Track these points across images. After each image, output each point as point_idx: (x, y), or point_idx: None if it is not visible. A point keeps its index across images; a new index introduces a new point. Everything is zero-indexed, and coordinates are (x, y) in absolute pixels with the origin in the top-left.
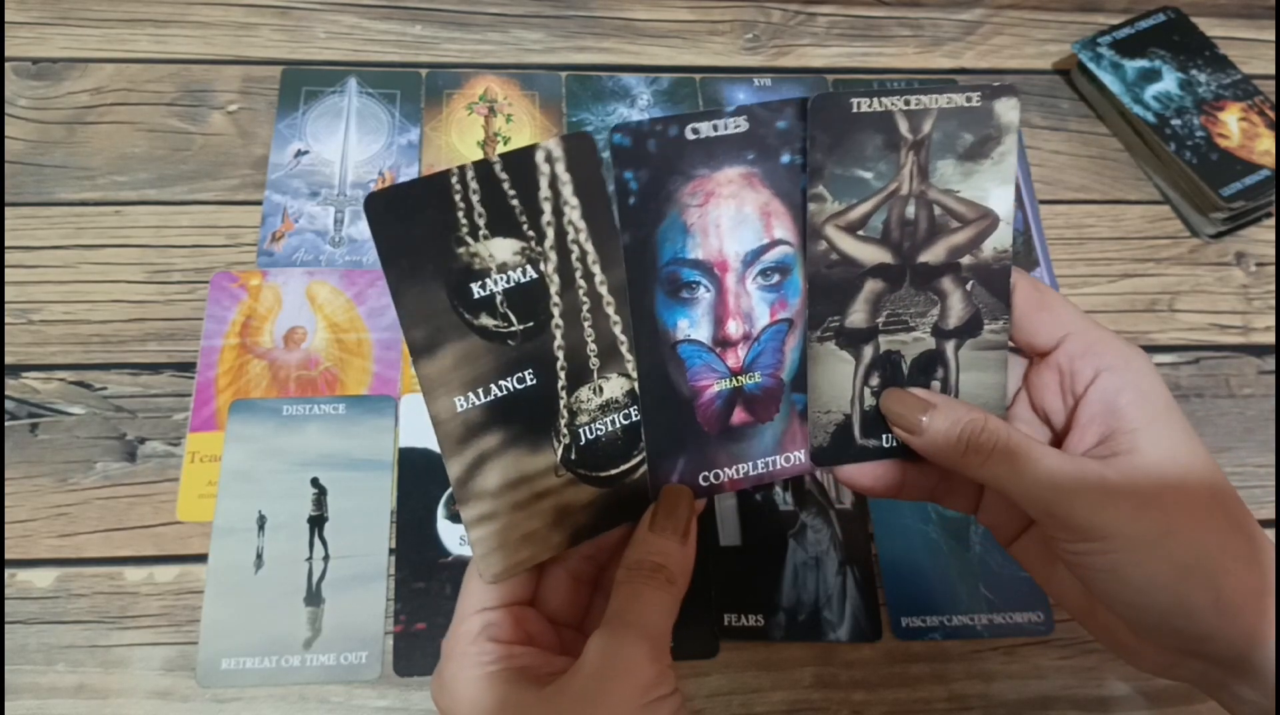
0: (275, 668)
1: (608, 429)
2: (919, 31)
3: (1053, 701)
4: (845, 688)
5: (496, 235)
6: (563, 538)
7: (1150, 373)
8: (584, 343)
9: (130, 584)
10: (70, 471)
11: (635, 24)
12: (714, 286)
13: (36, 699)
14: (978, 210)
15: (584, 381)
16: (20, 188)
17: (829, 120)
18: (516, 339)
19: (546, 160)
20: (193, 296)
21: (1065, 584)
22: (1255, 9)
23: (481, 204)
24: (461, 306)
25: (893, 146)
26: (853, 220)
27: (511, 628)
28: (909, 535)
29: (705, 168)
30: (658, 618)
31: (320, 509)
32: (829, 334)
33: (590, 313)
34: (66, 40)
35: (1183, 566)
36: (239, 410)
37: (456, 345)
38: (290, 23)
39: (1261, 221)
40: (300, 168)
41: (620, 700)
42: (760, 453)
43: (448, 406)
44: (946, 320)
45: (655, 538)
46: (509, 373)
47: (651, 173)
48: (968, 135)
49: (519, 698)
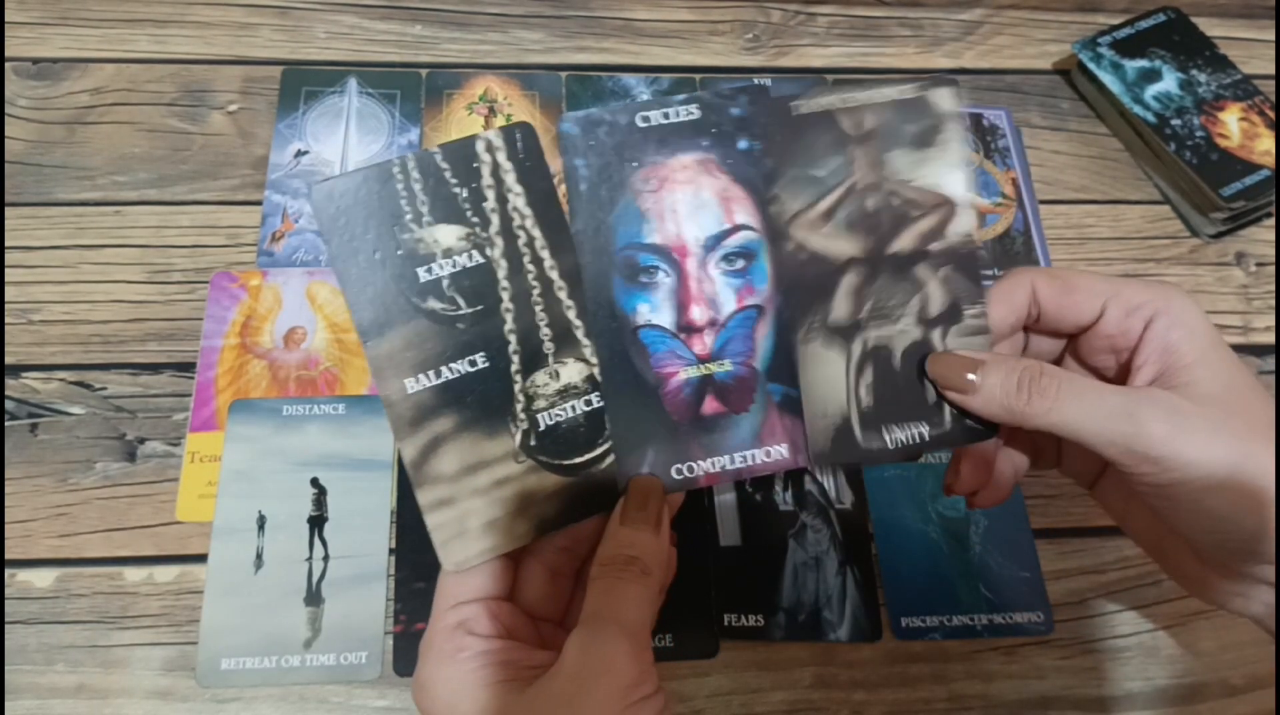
0: (275, 668)
1: (568, 415)
2: (919, 31)
3: (1053, 701)
4: (845, 688)
5: (440, 222)
6: (528, 527)
7: (1193, 309)
8: (536, 327)
9: (130, 584)
10: (70, 471)
11: (635, 24)
12: (674, 271)
13: (36, 699)
14: (934, 197)
15: (539, 366)
16: (20, 188)
17: (773, 124)
18: (465, 321)
19: (487, 150)
20: (193, 296)
21: (1140, 521)
22: (1255, 9)
23: (424, 192)
24: (408, 290)
25: (839, 143)
26: (815, 217)
27: (488, 621)
28: (909, 535)
29: (658, 154)
30: (636, 612)
31: (320, 509)
32: (814, 333)
33: (541, 297)
34: (66, 40)
35: (1264, 492)
36: (239, 410)
37: (404, 327)
38: (290, 23)
39: (1261, 221)
40: (300, 168)
41: (602, 701)
42: (737, 446)
43: (398, 388)
44: (929, 309)
45: (626, 531)
46: (459, 355)
47: (602, 160)
48: (910, 126)
49: (500, 700)
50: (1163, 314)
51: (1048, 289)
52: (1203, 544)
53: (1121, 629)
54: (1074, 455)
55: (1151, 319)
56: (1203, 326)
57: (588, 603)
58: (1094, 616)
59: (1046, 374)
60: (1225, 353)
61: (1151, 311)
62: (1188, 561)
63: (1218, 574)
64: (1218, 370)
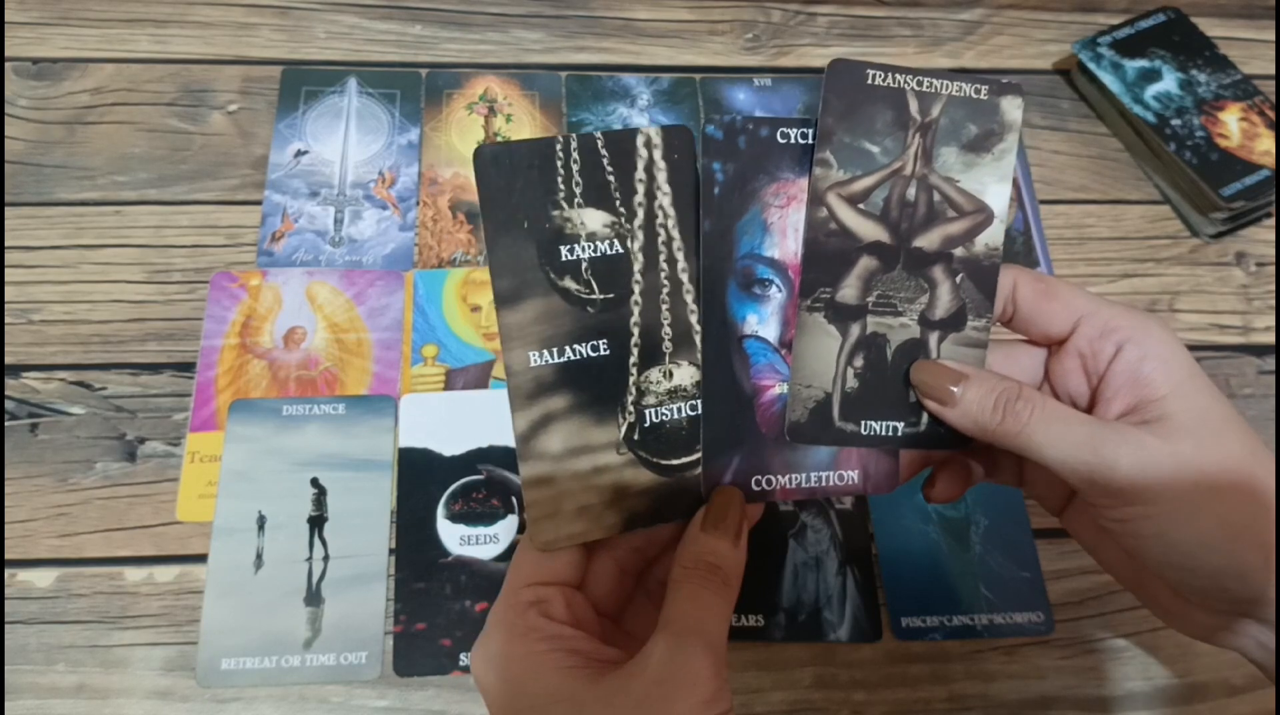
0: (275, 668)
1: (673, 416)
2: (919, 31)
3: (1053, 701)
4: (845, 688)
5: (590, 205)
6: (617, 520)
7: (1170, 339)
8: (659, 324)
9: (130, 584)
10: (70, 471)
11: (635, 24)
12: (786, 288)
13: (36, 699)
14: (975, 203)
15: (655, 362)
16: (20, 188)
17: (843, 87)
18: (595, 307)
19: (645, 145)
20: (192, 296)
21: (1112, 551)
22: (1255, 9)
23: (580, 174)
24: (548, 265)
25: (901, 125)
26: (855, 192)
27: (563, 607)
28: (909, 535)
29: (791, 172)
30: (717, 624)
31: (320, 509)
32: (819, 305)
33: (669, 297)
34: (66, 40)
35: (1231, 524)
36: (239, 410)
37: (538, 301)
38: (290, 23)
39: (1261, 221)
40: (300, 168)
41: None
42: (815, 465)
43: (522, 359)
44: (934, 310)
45: (708, 537)
46: (584, 338)
47: (739, 167)
48: (973, 127)
49: (572, 690)
50: (1135, 343)
51: (1028, 289)
52: (1174, 580)
53: (1121, 629)
54: (1039, 480)
55: (1122, 346)
56: (1179, 358)
57: (671, 606)
58: (1094, 616)
59: (1023, 398)
60: (1202, 384)
61: (1123, 338)
62: (1166, 595)
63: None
64: (1192, 403)
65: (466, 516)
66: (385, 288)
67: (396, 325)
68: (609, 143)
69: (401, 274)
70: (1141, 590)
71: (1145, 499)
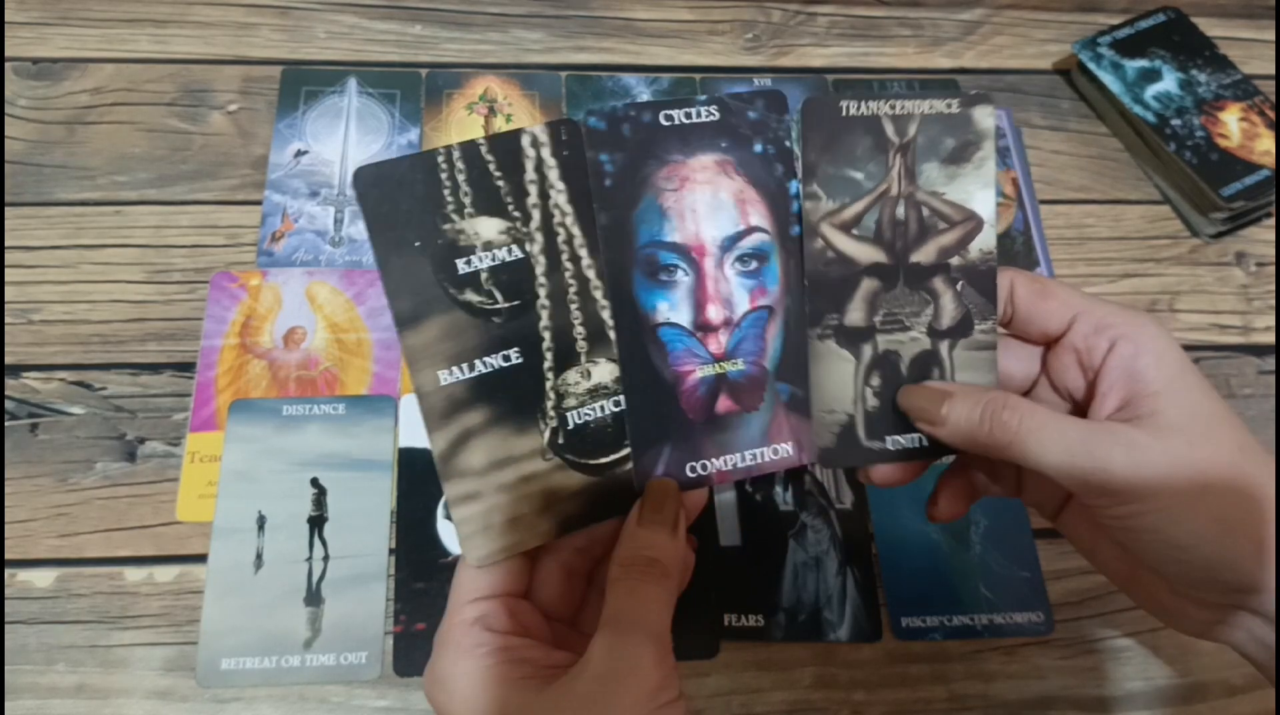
0: (275, 668)
1: (596, 415)
2: (919, 31)
3: (1053, 701)
4: (845, 688)
5: (482, 214)
6: (551, 525)
7: (1163, 336)
8: (571, 325)
9: (130, 584)
10: (70, 471)
11: (635, 24)
12: (693, 270)
13: (36, 699)
14: (963, 212)
15: (571, 364)
16: (20, 188)
17: (820, 121)
18: (501, 316)
19: (532, 144)
20: (193, 296)
21: (1108, 553)
22: (1255, 9)
23: (468, 183)
24: (446, 281)
25: (881, 148)
26: (847, 219)
27: (506, 618)
28: (909, 535)
29: (679, 153)
30: (658, 616)
31: (320, 509)
32: (828, 332)
33: (578, 295)
34: (66, 40)
35: (1224, 518)
36: (239, 410)
37: (441, 318)
38: (290, 23)
39: (1261, 221)
40: (300, 168)
41: (628, 705)
42: (747, 443)
43: (431, 379)
44: (940, 320)
45: (644, 532)
46: (493, 350)
47: (626, 156)
48: (949, 140)
49: (520, 698)
50: (1129, 339)
51: (1024, 290)
52: (1170, 574)
53: (1121, 629)
54: (1035, 486)
55: (1115, 342)
56: (1171, 354)
57: (610, 604)
58: (1094, 616)
59: (1009, 407)
60: (1194, 380)
61: (1117, 334)
62: (1161, 593)
63: (1193, 604)
64: (1184, 399)
65: None
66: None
67: None
68: (493, 147)
69: None
70: (1137, 590)
71: (1140, 496)
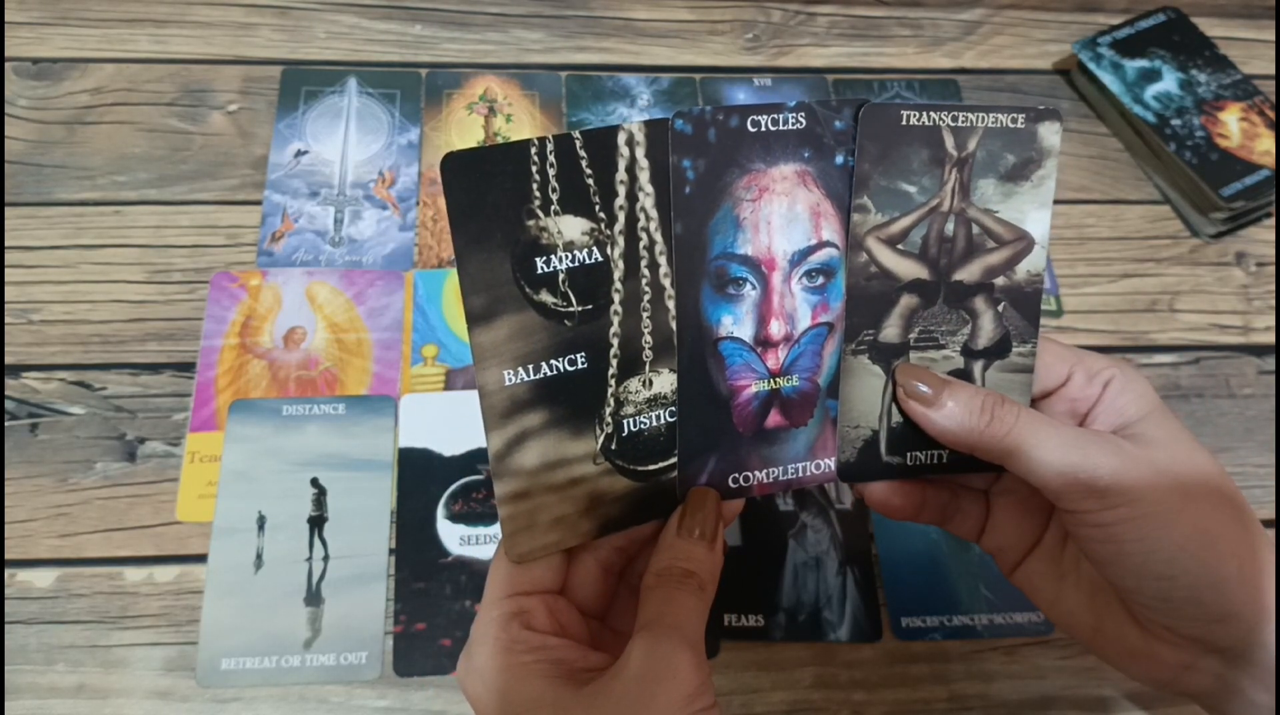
0: (275, 668)
1: (651, 423)
2: (919, 31)
3: (1053, 701)
4: (845, 688)
5: (567, 213)
6: (592, 526)
7: (1142, 379)
8: (640, 333)
9: (130, 584)
10: (70, 471)
11: (635, 24)
12: (760, 284)
13: (36, 699)
14: (1015, 232)
15: (635, 372)
16: (20, 188)
17: (878, 130)
18: (574, 320)
19: (628, 143)
20: (192, 296)
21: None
22: (1255, 9)
23: (557, 179)
24: (523, 279)
25: (938, 162)
26: (894, 233)
27: (545, 616)
28: (909, 535)
29: (761, 162)
30: (695, 624)
31: (320, 509)
32: (863, 348)
33: (650, 304)
34: (66, 40)
35: (1207, 533)
36: (239, 410)
37: (513, 318)
38: (290, 23)
39: (1261, 221)
40: (300, 168)
41: (664, 707)
42: (792, 458)
43: (496, 378)
44: (976, 340)
45: (682, 543)
46: (561, 353)
47: (709, 162)
48: (1010, 156)
49: (556, 696)
50: (1116, 379)
51: None
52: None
53: None
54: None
55: (1109, 382)
56: (1149, 393)
57: (645, 610)
58: None
59: (1007, 403)
60: (1169, 414)
61: (1108, 376)
62: (1130, 636)
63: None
64: (1163, 426)
65: (467, 516)
66: (385, 288)
67: (396, 325)
68: (588, 142)
69: (401, 274)
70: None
71: (1128, 499)
